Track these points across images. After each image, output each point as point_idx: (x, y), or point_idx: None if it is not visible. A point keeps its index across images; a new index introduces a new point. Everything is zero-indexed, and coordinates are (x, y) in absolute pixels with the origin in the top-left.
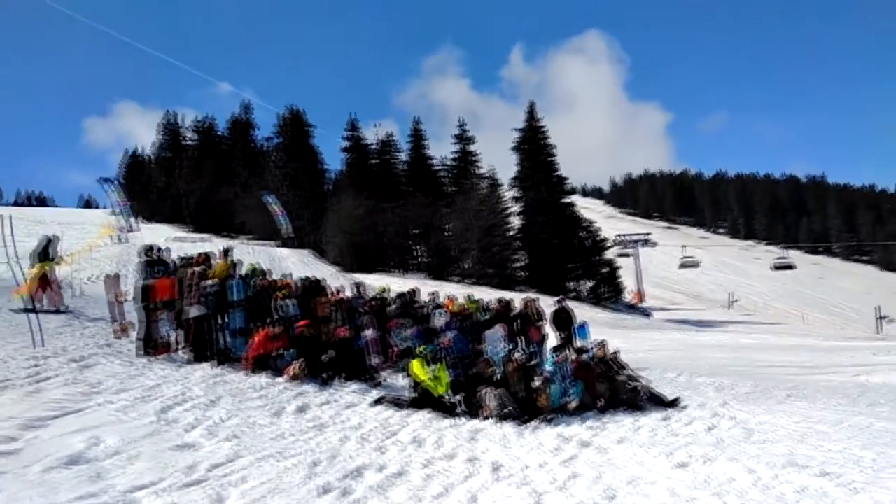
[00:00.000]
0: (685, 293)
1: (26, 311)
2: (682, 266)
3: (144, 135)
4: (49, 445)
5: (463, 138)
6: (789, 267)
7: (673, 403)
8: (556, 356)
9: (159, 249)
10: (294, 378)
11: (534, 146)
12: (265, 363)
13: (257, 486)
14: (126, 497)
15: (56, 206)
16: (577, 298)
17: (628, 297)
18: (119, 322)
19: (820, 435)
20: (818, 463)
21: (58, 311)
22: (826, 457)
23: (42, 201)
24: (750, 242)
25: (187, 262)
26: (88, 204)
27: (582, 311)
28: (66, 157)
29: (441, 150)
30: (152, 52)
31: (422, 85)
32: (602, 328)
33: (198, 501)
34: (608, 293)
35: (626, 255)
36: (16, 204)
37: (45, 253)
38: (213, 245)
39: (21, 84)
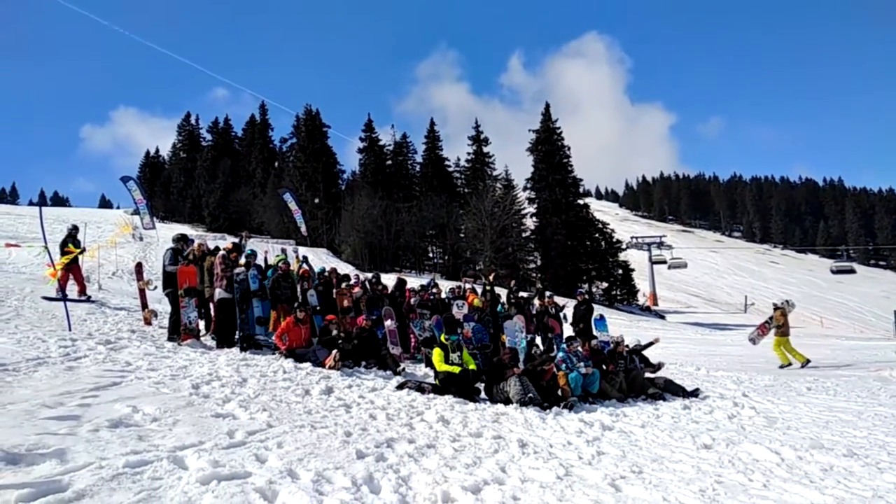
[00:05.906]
0: (700, 296)
1: (56, 299)
2: (670, 267)
3: (146, 140)
4: (92, 411)
5: (478, 139)
6: (850, 271)
7: (693, 394)
8: (568, 345)
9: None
10: (333, 368)
11: (549, 147)
12: (303, 358)
13: (295, 450)
14: (172, 455)
15: (73, 207)
16: (591, 300)
17: (642, 299)
18: (147, 308)
19: (844, 423)
20: (843, 446)
21: (83, 300)
22: (851, 441)
23: (61, 201)
24: (766, 246)
25: (213, 251)
26: (108, 204)
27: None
28: (71, 163)
29: (446, 154)
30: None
31: (421, 91)
32: (619, 328)
33: (240, 460)
34: (622, 295)
35: (662, 262)
36: (34, 204)
37: (74, 240)
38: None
39: (24, 91)
